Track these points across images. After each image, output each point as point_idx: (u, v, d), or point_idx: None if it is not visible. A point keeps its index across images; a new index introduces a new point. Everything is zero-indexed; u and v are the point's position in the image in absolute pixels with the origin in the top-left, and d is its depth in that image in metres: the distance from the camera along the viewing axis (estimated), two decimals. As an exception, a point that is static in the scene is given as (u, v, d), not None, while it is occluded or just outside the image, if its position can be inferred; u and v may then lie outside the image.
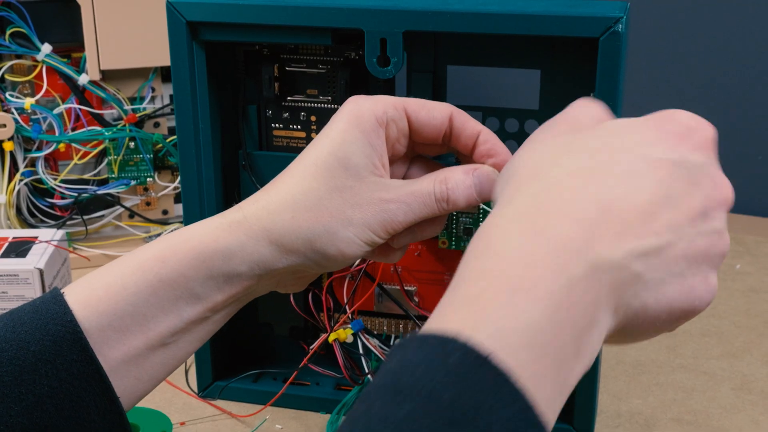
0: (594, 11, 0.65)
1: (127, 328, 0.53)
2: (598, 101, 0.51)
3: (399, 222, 0.57)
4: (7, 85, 1.06)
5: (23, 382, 0.49)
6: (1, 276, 0.86)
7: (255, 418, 0.80)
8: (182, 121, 0.75)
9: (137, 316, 0.54)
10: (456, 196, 0.57)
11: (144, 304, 0.54)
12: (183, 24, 0.72)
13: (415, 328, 0.79)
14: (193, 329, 0.56)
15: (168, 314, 0.54)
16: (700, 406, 0.83)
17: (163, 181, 1.12)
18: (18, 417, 0.49)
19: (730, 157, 1.32)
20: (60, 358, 0.50)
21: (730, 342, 0.94)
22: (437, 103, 0.60)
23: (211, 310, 0.56)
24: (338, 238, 0.56)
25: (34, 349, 0.50)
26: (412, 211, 0.57)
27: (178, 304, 0.55)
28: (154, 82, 1.08)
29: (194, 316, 0.56)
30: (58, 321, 0.51)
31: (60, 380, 0.50)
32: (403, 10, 0.68)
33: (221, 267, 0.55)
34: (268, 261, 0.56)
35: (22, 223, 1.08)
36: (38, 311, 0.52)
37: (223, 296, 0.56)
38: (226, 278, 0.55)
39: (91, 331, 0.52)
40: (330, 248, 0.56)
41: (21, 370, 0.49)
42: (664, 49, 1.32)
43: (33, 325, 0.51)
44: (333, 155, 0.56)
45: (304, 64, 0.77)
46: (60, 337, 0.50)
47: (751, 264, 1.12)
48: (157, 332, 0.54)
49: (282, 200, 0.57)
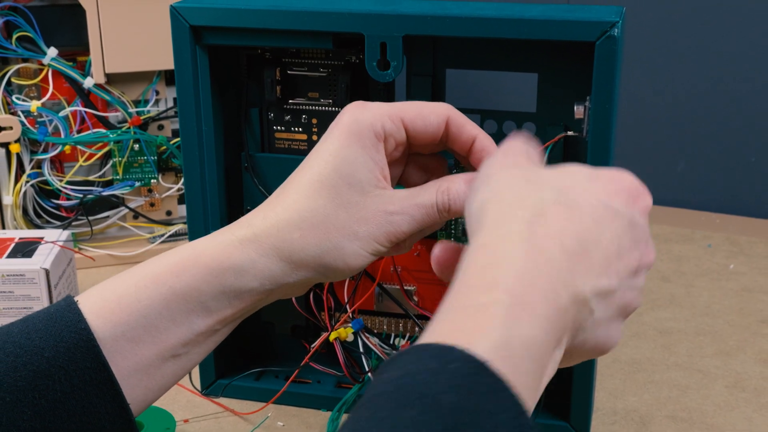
0: (590, 16, 0.65)
1: (139, 339, 0.54)
2: (532, 139, 0.55)
3: (403, 232, 0.58)
4: (13, 88, 1.06)
5: (37, 388, 0.50)
6: (8, 276, 0.87)
7: (257, 416, 0.81)
8: (186, 123, 0.76)
9: (150, 328, 0.54)
10: (457, 206, 0.58)
11: (157, 317, 0.55)
12: (186, 28, 0.73)
13: (415, 328, 0.79)
14: (203, 341, 0.57)
15: (180, 326, 0.55)
16: (695, 403, 0.83)
17: (167, 182, 1.12)
18: (31, 421, 0.50)
19: (724, 159, 1.32)
20: (73, 364, 0.51)
21: (724, 341, 0.94)
22: (434, 107, 0.60)
23: (221, 322, 0.57)
24: (345, 253, 0.57)
25: (48, 355, 0.50)
26: (416, 221, 0.58)
27: (190, 317, 0.55)
28: (158, 85, 1.08)
29: (205, 328, 0.56)
30: (72, 329, 0.51)
31: (72, 386, 0.50)
32: (402, 15, 0.68)
33: (233, 283, 0.56)
34: (278, 276, 0.57)
35: (29, 223, 1.08)
36: (52, 318, 0.52)
37: (233, 310, 0.57)
38: (237, 293, 0.56)
39: (104, 341, 0.53)
40: (338, 262, 0.57)
41: (35, 376, 0.50)
42: (658, 52, 1.32)
43: (47, 332, 0.51)
44: (337, 172, 0.57)
45: (306, 67, 0.77)
46: (73, 345, 0.51)
47: (744, 264, 1.12)
48: (169, 344, 0.55)
49: (290, 218, 0.57)
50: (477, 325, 0.42)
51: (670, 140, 1.35)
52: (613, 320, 0.49)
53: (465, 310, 0.43)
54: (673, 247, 1.18)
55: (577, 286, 0.45)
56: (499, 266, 0.44)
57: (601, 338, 0.49)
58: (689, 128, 1.34)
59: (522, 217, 0.46)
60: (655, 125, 1.35)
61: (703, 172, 1.34)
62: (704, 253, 1.15)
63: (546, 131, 0.73)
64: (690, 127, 1.34)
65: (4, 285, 0.87)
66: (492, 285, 0.43)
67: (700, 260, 1.13)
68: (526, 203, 0.47)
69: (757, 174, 1.31)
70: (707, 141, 1.33)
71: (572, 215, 0.47)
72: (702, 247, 1.17)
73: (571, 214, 0.47)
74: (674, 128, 1.34)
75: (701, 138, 1.33)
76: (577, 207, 0.47)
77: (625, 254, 0.49)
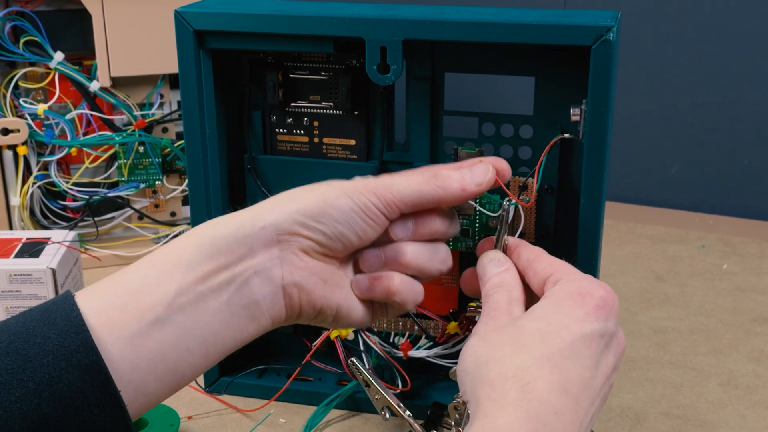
0: (586, 21, 0.66)
1: (125, 305, 0.53)
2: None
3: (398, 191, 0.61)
4: (21, 92, 1.07)
5: (26, 370, 0.50)
6: (15, 275, 0.86)
7: (260, 413, 0.81)
8: (190, 126, 0.76)
9: (134, 292, 0.54)
10: (446, 170, 0.63)
11: (142, 278, 0.55)
12: (190, 33, 0.73)
13: (414, 327, 0.80)
14: (186, 307, 0.55)
15: (162, 285, 0.54)
16: (689, 400, 0.84)
17: (171, 184, 1.13)
18: (17, 403, 0.49)
19: (718, 161, 1.33)
20: (62, 349, 0.50)
21: (717, 339, 0.95)
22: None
23: (202, 279, 0.55)
24: (328, 198, 0.59)
25: (40, 341, 0.51)
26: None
27: (172, 274, 0.55)
28: (162, 88, 1.09)
29: (185, 286, 0.55)
30: (65, 317, 0.52)
31: (60, 369, 0.50)
32: (402, 20, 0.69)
33: (209, 232, 0.57)
34: (253, 218, 0.58)
35: (36, 224, 1.09)
36: (48, 309, 0.53)
37: (213, 263, 0.56)
38: (213, 241, 0.56)
39: (91, 314, 0.52)
40: (318, 202, 0.59)
41: (25, 360, 0.50)
42: (653, 56, 1.32)
43: (42, 321, 0.52)
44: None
45: (307, 71, 0.78)
46: (64, 331, 0.51)
47: (737, 264, 1.13)
48: (151, 303, 0.54)
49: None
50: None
51: (665, 142, 1.35)
52: (593, 419, 0.56)
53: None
54: (667, 247, 1.18)
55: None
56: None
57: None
58: (684, 131, 1.34)
59: (510, 384, 0.53)
60: (650, 128, 1.36)
61: (697, 174, 1.35)
62: (698, 254, 1.16)
63: (543, 134, 0.74)
64: (684, 130, 1.34)
65: (11, 284, 0.87)
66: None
67: (694, 260, 1.14)
68: (510, 371, 0.54)
69: (750, 176, 1.32)
70: (701, 143, 1.33)
71: (552, 370, 0.54)
72: (696, 248, 1.18)
73: (551, 370, 0.54)
74: (669, 131, 1.35)
75: (695, 140, 1.34)
76: (556, 355, 0.54)
77: (601, 364, 0.56)
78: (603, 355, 0.56)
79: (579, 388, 0.54)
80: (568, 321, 0.56)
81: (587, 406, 0.54)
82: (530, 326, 0.56)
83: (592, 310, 0.57)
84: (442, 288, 0.76)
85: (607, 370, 0.57)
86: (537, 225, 0.75)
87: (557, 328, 0.56)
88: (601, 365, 0.56)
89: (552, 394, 0.53)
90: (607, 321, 0.57)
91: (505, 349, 0.55)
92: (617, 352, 0.58)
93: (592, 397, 0.55)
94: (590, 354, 0.55)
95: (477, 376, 0.55)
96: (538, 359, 0.54)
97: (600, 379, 0.56)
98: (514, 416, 0.51)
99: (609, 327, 0.57)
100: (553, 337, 0.55)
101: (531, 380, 0.53)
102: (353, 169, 0.77)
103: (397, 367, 0.79)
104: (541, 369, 0.54)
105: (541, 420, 0.51)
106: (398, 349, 0.79)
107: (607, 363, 0.57)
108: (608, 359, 0.57)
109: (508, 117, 0.75)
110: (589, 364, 0.55)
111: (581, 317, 0.56)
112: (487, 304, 0.60)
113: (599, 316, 0.56)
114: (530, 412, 0.51)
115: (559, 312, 0.57)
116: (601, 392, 0.56)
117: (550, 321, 0.56)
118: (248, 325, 0.58)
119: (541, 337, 0.55)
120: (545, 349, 0.55)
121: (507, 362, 0.54)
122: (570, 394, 0.53)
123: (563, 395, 0.53)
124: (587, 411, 0.54)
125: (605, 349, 0.57)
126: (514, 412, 0.51)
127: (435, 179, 0.61)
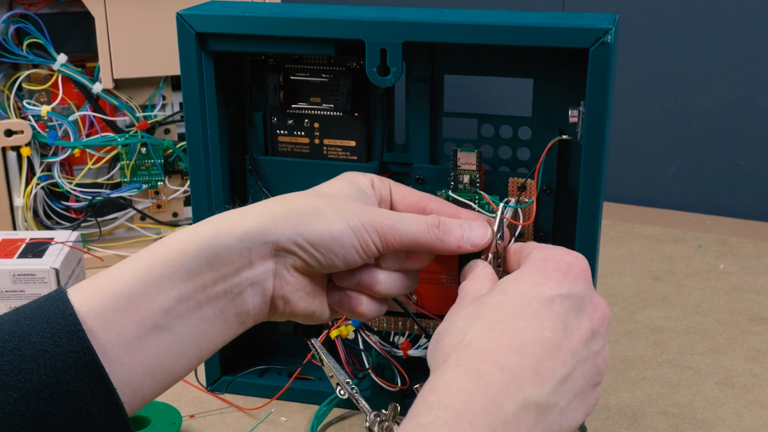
0: (584, 23, 0.66)
1: (123, 309, 0.53)
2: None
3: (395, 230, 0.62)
4: (24, 94, 1.07)
5: (22, 371, 0.49)
6: (19, 275, 0.87)
7: (261, 411, 0.81)
8: (191, 127, 0.76)
9: (133, 296, 0.54)
10: (449, 223, 0.63)
11: (140, 283, 0.54)
12: (192, 35, 0.74)
13: (414, 326, 0.80)
14: (185, 314, 0.56)
15: (161, 291, 0.54)
16: (685, 399, 0.84)
17: (174, 184, 1.13)
18: (16, 404, 0.49)
19: (715, 162, 1.33)
20: (58, 348, 0.50)
21: (714, 338, 0.95)
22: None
23: (202, 288, 0.56)
24: (328, 217, 0.60)
25: (35, 340, 0.50)
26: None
27: (172, 281, 0.55)
28: (164, 90, 1.10)
29: (186, 294, 0.55)
30: (59, 315, 0.51)
31: (57, 370, 0.50)
32: (402, 22, 0.69)
33: (211, 239, 0.57)
34: (256, 233, 0.58)
35: (39, 225, 1.09)
36: (42, 307, 0.52)
37: (214, 273, 0.56)
38: (214, 251, 0.57)
39: (89, 316, 0.52)
40: (319, 222, 0.60)
41: (21, 360, 0.50)
42: (650, 58, 1.32)
43: (36, 319, 0.51)
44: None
45: (308, 73, 0.78)
46: (59, 330, 0.51)
47: (733, 264, 1.13)
48: (151, 311, 0.54)
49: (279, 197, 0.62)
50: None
51: (662, 144, 1.36)
52: (583, 395, 0.54)
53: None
54: (664, 247, 1.19)
55: (525, 393, 0.51)
56: (437, 391, 0.50)
57: (580, 412, 0.54)
58: (681, 132, 1.34)
59: (455, 349, 0.53)
60: (648, 129, 1.36)
61: (694, 175, 1.35)
62: (695, 254, 1.16)
63: (541, 135, 0.74)
64: (682, 131, 1.34)
65: (15, 284, 0.87)
66: (431, 406, 0.49)
67: (691, 260, 1.14)
68: (458, 337, 0.54)
69: (746, 177, 1.32)
70: (698, 144, 1.34)
71: (505, 329, 0.53)
72: (693, 248, 1.18)
73: (504, 329, 0.53)
74: (666, 132, 1.35)
75: (692, 141, 1.34)
76: (511, 318, 0.54)
77: (573, 328, 0.55)
78: (572, 317, 0.55)
79: (540, 347, 0.53)
80: (527, 287, 0.56)
81: (556, 366, 0.53)
82: (489, 300, 0.56)
83: (553, 273, 0.56)
84: (442, 288, 0.76)
85: (582, 334, 0.55)
86: (535, 225, 0.76)
87: (514, 295, 0.56)
88: (571, 327, 0.55)
89: (498, 352, 0.52)
90: (573, 285, 0.56)
91: (460, 322, 0.56)
92: (594, 318, 0.56)
93: (563, 358, 0.53)
94: (552, 316, 0.54)
95: (433, 351, 0.56)
96: (487, 323, 0.54)
97: (573, 342, 0.54)
98: (453, 374, 0.51)
99: (576, 290, 0.56)
100: (509, 304, 0.55)
101: (473, 341, 0.53)
102: (353, 170, 0.77)
103: (396, 366, 0.80)
104: (490, 331, 0.53)
105: (483, 376, 0.51)
106: (398, 348, 0.79)
107: (580, 326, 0.55)
108: (581, 323, 0.55)
109: (506, 118, 0.76)
110: (550, 324, 0.54)
111: (540, 281, 0.56)
112: (460, 294, 0.61)
113: (564, 280, 0.56)
114: (469, 369, 0.51)
115: (518, 283, 0.56)
116: (579, 356, 0.54)
117: (508, 292, 0.56)
118: (237, 329, 0.60)
119: (497, 306, 0.55)
120: (498, 314, 0.55)
121: (457, 332, 0.55)
122: (525, 353, 0.52)
123: (514, 353, 0.52)
124: (555, 371, 0.53)
125: (576, 312, 0.55)
126: (453, 370, 0.51)
127: (437, 230, 0.63)
